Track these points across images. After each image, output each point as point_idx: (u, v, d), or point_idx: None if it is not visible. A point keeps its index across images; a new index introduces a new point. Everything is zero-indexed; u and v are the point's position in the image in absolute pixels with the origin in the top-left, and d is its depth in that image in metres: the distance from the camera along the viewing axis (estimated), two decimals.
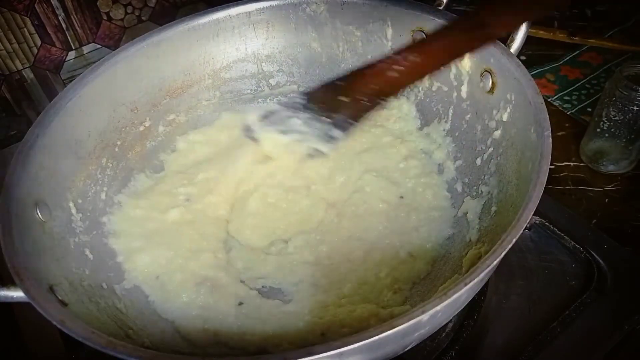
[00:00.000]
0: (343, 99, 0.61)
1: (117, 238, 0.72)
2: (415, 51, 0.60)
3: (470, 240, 0.67)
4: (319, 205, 0.74)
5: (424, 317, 0.44)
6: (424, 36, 0.75)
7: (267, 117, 0.66)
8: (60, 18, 0.92)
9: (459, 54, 0.63)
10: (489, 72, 0.68)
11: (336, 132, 0.63)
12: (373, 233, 0.71)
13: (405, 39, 0.78)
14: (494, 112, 0.68)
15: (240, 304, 0.66)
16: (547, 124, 0.57)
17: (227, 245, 0.72)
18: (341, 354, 0.43)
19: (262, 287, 0.69)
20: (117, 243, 0.72)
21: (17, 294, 0.50)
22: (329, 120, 0.63)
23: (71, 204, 0.68)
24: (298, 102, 0.64)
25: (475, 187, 0.71)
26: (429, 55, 0.60)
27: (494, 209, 0.65)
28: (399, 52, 0.60)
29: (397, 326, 0.43)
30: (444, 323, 0.60)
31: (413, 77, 0.61)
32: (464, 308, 0.57)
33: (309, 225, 0.72)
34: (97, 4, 0.94)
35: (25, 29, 0.90)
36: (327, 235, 0.72)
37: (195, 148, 0.84)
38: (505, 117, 0.66)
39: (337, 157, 0.81)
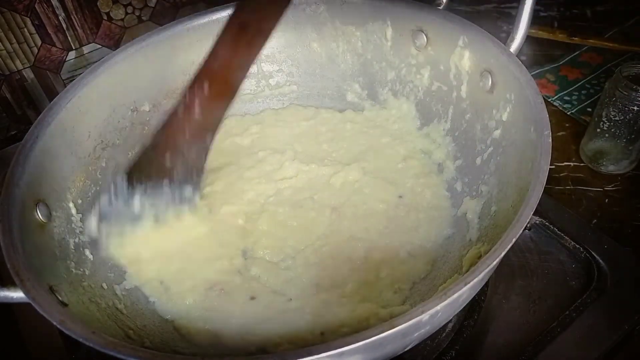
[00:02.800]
0: (167, 159, 0.60)
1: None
2: (201, 87, 0.58)
3: (470, 240, 0.67)
4: (323, 213, 0.74)
5: (424, 317, 0.44)
6: (425, 38, 0.75)
7: (102, 217, 0.61)
8: (60, 18, 0.92)
9: (243, 67, 0.60)
10: (489, 72, 0.68)
11: (188, 189, 0.63)
12: (373, 233, 0.72)
13: (405, 38, 0.78)
14: (494, 111, 0.68)
15: (253, 298, 0.66)
16: (547, 124, 0.57)
17: (245, 253, 0.72)
18: (341, 353, 0.43)
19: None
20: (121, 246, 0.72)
21: (17, 294, 0.50)
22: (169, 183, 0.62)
23: (71, 204, 0.68)
24: (122, 189, 0.61)
25: (475, 187, 0.71)
26: (217, 83, 0.59)
27: (494, 208, 0.65)
28: (188, 93, 0.59)
29: (397, 326, 0.43)
30: (444, 323, 0.60)
31: (218, 108, 0.61)
32: (464, 308, 0.57)
33: (315, 236, 0.72)
34: (97, 4, 0.94)
35: (25, 29, 0.90)
36: (330, 237, 0.72)
37: None
38: (505, 117, 0.66)
39: (335, 160, 0.81)
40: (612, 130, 0.80)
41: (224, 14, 0.82)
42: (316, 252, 0.70)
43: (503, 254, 0.48)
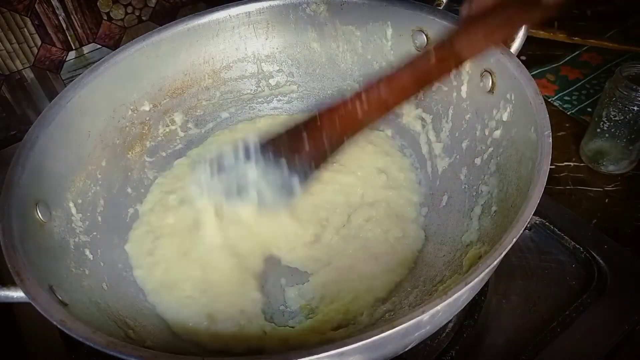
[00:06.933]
0: (305, 145, 0.60)
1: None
2: (382, 86, 0.58)
3: (470, 240, 0.67)
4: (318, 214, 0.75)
5: (424, 317, 0.44)
6: (425, 38, 0.75)
7: (219, 170, 0.63)
8: (60, 18, 0.92)
9: (427, 83, 0.60)
10: (489, 72, 0.68)
11: (295, 181, 0.61)
12: (370, 231, 0.72)
13: (405, 38, 0.78)
14: (494, 111, 0.68)
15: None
16: (547, 124, 0.57)
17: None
18: (341, 353, 0.43)
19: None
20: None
21: (17, 294, 0.50)
22: (285, 167, 0.61)
23: (71, 204, 0.68)
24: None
25: (475, 187, 0.71)
26: (396, 89, 0.58)
27: (494, 208, 0.65)
28: (364, 90, 0.58)
29: (397, 326, 0.43)
30: (445, 323, 0.60)
31: (379, 113, 0.59)
32: (464, 308, 0.57)
33: (308, 235, 0.73)
34: (97, 4, 0.94)
35: (25, 29, 0.90)
36: (326, 232, 0.73)
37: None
38: (505, 117, 0.66)
39: (337, 163, 0.81)
40: (612, 130, 0.80)
41: (224, 13, 0.82)
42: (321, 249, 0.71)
43: (503, 254, 0.48)
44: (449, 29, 0.58)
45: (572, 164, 0.87)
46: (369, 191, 0.77)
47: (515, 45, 0.65)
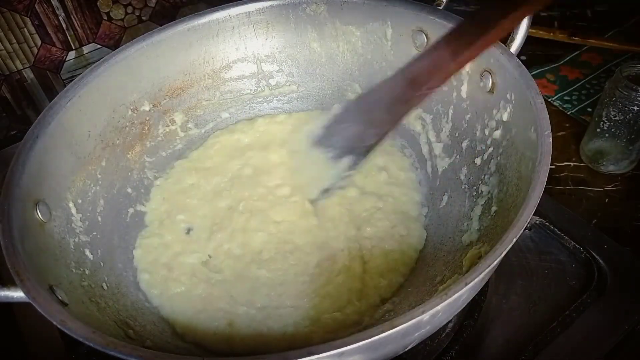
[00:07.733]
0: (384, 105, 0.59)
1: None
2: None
3: (470, 240, 0.67)
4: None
5: (424, 317, 0.44)
6: (425, 38, 0.75)
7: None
8: (60, 18, 0.92)
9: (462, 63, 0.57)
10: (489, 72, 0.68)
11: (345, 161, 0.64)
12: (380, 221, 0.72)
13: (405, 38, 0.78)
14: (494, 111, 0.68)
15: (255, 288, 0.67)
16: (547, 124, 0.57)
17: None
18: (341, 353, 0.43)
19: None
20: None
21: (17, 294, 0.50)
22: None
23: (71, 204, 0.68)
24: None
25: (475, 187, 0.71)
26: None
27: (494, 208, 0.65)
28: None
29: (397, 326, 0.43)
30: (445, 323, 0.60)
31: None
32: (464, 308, 0.57)
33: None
34: (97, 4, 0.94)
35: (25, 29, 0.90)
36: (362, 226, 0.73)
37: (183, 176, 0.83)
38: (505, 117, 0.66)
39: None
40: (612, 130, 0.80)
41: (224, 13, 0.82)
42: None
43: (503, 254, 0.48)
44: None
45: (572, 164, 0.87)
46: (372, 186, 0.77)
47: (515, 45, 0.66)
